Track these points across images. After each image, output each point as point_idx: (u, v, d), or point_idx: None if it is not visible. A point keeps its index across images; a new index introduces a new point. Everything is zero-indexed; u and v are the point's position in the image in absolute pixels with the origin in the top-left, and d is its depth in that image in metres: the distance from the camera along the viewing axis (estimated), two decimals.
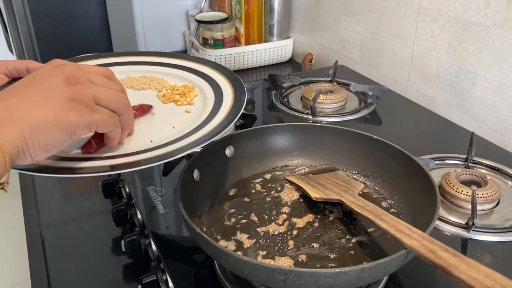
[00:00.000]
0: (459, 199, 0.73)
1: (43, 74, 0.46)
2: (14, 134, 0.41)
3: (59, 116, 0.44)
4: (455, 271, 0.43)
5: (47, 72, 0.46)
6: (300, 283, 0.48)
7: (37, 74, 0.47)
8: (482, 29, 0.94)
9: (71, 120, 0.44)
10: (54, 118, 0.44)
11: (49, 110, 0.44)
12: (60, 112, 0.44)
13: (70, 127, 0.45)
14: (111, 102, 0.49)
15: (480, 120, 0.99)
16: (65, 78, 0.46)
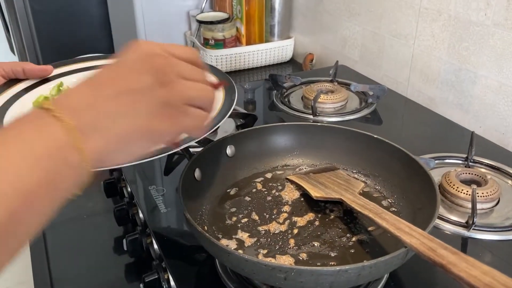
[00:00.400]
0: (459, 198, 0.73)
1: (131, 67, 0.40)
2: (99, 144, 0.38)
3: (149, 124, 0.40)
4: (454, 269, 0.43)
5: (136, 64, 0.40)
6: (300, 281, 0.49)
7: (125, 65, 0.41)
8: (482, 29, 0.94)
9: (161, 129, 0.41)
10: (143, 127, 0.40)
11: (138, 117, 0.39)
12: (150, 120, 0.40)
13: (159, 137, 0.42)
14: (201, 100, 0.43)
15: (480, 119, 0.99)
16: (156, 75, 0.40)
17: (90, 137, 0.37)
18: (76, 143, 0.36)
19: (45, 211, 0.36)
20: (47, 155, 0.35)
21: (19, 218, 0.33)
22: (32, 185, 0.34)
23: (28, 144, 0.35)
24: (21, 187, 0.33)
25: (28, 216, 0.34)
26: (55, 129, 0.36)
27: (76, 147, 0.36)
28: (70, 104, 0.38)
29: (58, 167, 0.36)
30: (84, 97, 0.39)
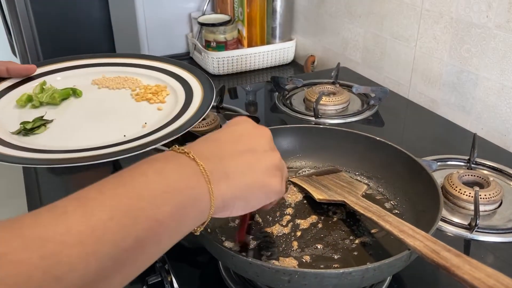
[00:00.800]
0: (461, 200, 0.73)
1: (251, 132, 0.47)
2: (226, 191, 0.42)
3: (266, 180, 0.45)
4: (458, 271, 0.43)
5: (250, 131, 0.47)
6: (304, 284, 0.49)
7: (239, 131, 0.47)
8: (483, 31, 0.95)
9: (274, 186, 0.46)
10: (262, 182, 0.45)
11: (258, 172, 0.44)
12: (266, 176, 0.45)
13: (272, 192, 0.46)
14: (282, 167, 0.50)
15: (482, 121, 0.99)
16: (269, 142, 0.47)
17: (219, 182, 0.41)
18: (207, 185, 0.39)
19: (165, 245, 0.38)
20: (180, 191, 0.38)
21: (143, 246, 0.34)
22: (162, 216, 0.36)
23: (167, 178, 0.38)
24: (152, 216, 0.35)
25: (151, 247, 0.35)
26: (191, 170, 0.39)
27: (207, 188, 0.39)
28: (202, 152, 0.41)
29: (188, 204, 0.38)
30: (212, 149, 0.43)
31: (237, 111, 1.05)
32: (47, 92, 0.76)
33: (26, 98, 0.75)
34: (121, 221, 0.33)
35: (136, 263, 0.35)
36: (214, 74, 1.41)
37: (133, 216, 0.34)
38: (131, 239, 0.33)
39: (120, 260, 0.33)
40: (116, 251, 0.32)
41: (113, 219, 0.33)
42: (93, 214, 0.32)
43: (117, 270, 0.33)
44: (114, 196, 0.34)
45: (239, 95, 1.23)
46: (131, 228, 0.33)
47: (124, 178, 0.36)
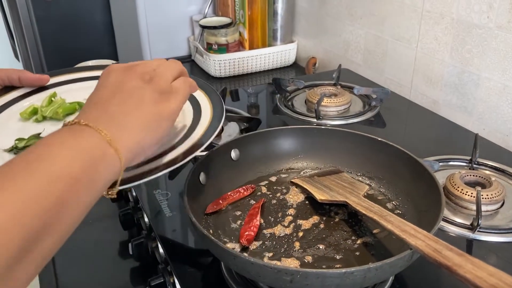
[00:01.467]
0: (463, 200, 0.73)
1: (119, 81, 0.48)
2: (126, 138, 0.44)
3: (157, 108, 0.48)
4: (460, 270, 0.43)
5: (121, 78, 0.49)
6: (306, 284, 0.49)
7: (112, 83, 0.49)
8: (485, 31, 0.95)
9: (168, 109, 0.49)
10: (155, 114, 0.47)
11: (147, 109, 0.47)
12: (156, 107, 0.48)
13: (170, 115, 0.49)
14: (177, 71, 0.53)
15: (484, 121, 0.99)
16: (141, 78, 0.49)
17: (117, 134, 0.44)
18: (108, 140, 0.43)
19: (87, 200, 0.41)
20: (86, 150, 0.41)
21: (65, 203, 0.37)
22: (74, 171, 0.39)
23: (69, 143, 0.41)
24: (67, 172, 0.38)
25: (72, 202, 0.38)
26: (88, 133, 0.43)
27: (108, 142, 0.43)
28: (88, 117, 0.45)
29: (97, 159, 0.41)
30: (97, 110, 0.46)
31: (239, 113, 1.05)
32: (53, 105, 0.72)
33: (31, 111, 0.71)
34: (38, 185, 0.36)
35: (62, 222, 0.38)
36: (215, 76, 1.41)
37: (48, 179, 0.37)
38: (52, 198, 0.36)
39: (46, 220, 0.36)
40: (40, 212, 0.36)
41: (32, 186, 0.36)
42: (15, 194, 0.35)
43: (46, 230, 0.36)
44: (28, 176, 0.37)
45: (241, 97, 1.24)
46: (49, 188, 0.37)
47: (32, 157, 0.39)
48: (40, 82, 0.74)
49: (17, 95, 0.74)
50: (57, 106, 0.71)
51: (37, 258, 0.36)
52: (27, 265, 0.35)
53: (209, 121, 0.64)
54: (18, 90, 0.74)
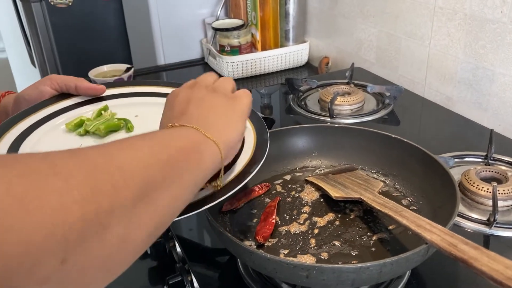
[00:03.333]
0: (479, 196, 0.73)
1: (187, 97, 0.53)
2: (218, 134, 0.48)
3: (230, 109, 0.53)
4: (476, 263, 0.43)
5: (188, 94, 0.53)
6: (322, 279, 0.49)
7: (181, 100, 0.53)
8: (498, 26, 0.94)
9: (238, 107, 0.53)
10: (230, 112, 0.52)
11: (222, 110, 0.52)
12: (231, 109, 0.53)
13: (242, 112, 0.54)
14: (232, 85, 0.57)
15: (500, 117, 0.99)
16: (205, 89, 0.54)
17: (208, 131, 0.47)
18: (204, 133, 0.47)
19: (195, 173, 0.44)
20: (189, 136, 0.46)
21: (176, 166, 0.41)
22: (183, 146, 0.43)
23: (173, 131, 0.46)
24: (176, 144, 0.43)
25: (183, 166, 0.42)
26: (186, 129, 0.47)
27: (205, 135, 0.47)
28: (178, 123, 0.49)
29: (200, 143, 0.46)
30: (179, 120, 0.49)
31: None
32: (98, 120, 0.69)
33: (76, 122, 0.69)
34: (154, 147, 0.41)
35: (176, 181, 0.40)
36: None
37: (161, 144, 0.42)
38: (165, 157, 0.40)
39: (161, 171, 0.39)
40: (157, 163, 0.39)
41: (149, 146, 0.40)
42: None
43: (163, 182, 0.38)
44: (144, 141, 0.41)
45: (254, 98, 1.24)
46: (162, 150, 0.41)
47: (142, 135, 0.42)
48: (95, 92, 0.73)
49: (70, 104, 0.72)
50: (102, 122, 0.69)
51: (156, 207, 0.37)
52: (149, 207, 0.36)
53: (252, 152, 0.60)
54: (72, 98, 0.73)
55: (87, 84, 0.73)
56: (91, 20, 1.60)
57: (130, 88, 0.77)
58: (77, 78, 0.73)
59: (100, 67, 1.36)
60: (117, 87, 0.77)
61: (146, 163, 0.38)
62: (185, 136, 0.46)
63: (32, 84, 0.73)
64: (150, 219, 0.36)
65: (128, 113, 0.72)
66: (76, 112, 0.71)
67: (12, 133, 0.65)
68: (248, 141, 0.63)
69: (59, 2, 1.53)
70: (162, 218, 0.39)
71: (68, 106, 0.72)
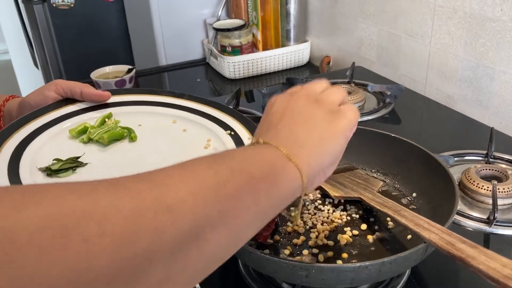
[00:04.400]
0: (480, 194, 0.73)
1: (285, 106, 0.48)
2: (305, 155, 0.43)
3: (330, 126, 0.46)
4: (473, 262, 0.44)
5: (286, 103, 0.48)
6: (321, 278, 0.50)
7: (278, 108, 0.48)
8: (498, 24, 0.94)
9: (341, 126, 0.46)
10: (328, 130, 0.45)
11: (319, 126, 0.45)
12: (330, 125, 0.46)
13: (343, 131, 0.46)
14: (342, 97, 0.50)
15: (500, 115, 0.99)
16: (306, 99, 0.48)
17: (294, 151, 0.42)
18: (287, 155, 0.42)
19: (266, 204, 0.39)
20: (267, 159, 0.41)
21: (243, 197, 0.36)
22: (255, 172, 0.38)
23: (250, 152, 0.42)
24: (247, 170, 0.38)
25: (251, 197, 0.37)
26: (268, 148, 0.42)
27: (287, 157, 0.42)
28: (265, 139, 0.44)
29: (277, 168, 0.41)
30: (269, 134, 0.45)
31: (254, 113, 1.06)
32: (102, 128, 0.68)
33: (80, 129, 0.68)
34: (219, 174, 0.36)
35: (238, 217, 0.36)
36: (230, 78, 1.43)
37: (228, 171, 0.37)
38: (231, 188, 0.35)
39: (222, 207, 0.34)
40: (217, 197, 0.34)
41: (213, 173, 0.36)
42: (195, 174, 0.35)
43: (221, 219, 0.34)
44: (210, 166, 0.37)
45: (256, 98, 1.25)
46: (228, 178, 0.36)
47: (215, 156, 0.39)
48: (100, 98, 0.73)
49: (75, 109, 0.72)
50: (105, 130, 0.68)
51: (208, 248, 0.33)
52: (197, 249, 0.32)
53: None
54: (77, 103, 0.73)
55: (93, 90, 0.72)
56: (93, 21, 1.60)
57: (134, 96, 0.77)
58: (83, 84, 0.72)
59: (102, 68, 1.37)
60: (122, 94, 0.77)
61: (204, 199, 0.33)
62: (263, 158, 0.41)
63: (37, 89, 0.73)
64: (197, 261, 0.33)
65: (132, 122, 0.72)
66: (80, 118, 0.71)
67: (16, 137, 0.65)
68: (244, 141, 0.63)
69: (61, 3, 1.54)
70: (214, 258, 0.35)
71: (72, 111, 0.72)
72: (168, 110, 0.76)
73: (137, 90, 0.80)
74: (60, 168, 0.61)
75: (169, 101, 0.77)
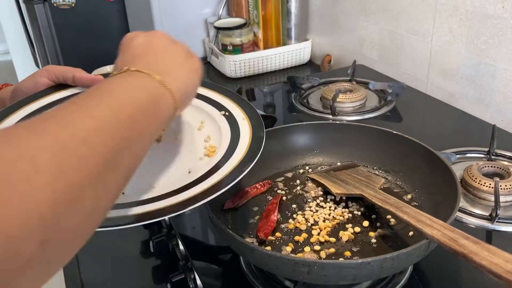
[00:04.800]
0: (482, 191, 0.73)
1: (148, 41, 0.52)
2: (175, 83, 0.47)
3: (191, 64, 0.53)
4: (476, 258, 0.44)
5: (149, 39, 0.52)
6: (323, 275, 0.49)
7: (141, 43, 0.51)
8: (500, 22, 0.94)
9: (197, 64, 0.54)
10: (189, 65, 0.52)
11: (183, 61, 0.52)
12: (189, 61, 0.53)
13: (199, 69, 0.54)
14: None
15: (502, 112, 0.98)
16: (167, 39, 0.53)
17: (164, 78, 0.47)
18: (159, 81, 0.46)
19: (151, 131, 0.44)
20: (145, 86, 0.45)
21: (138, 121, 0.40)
22: (141, 100, 0.42)
23: (129, 81, 0.45)
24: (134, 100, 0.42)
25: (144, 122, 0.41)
26: (141, 75, 0.46)
27: (161, 83, 0.46)
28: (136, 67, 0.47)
29: (156, 95, 0.45)
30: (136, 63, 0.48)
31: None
32: None
33: None
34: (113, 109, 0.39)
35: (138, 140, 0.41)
36: (231, 77, 1.43)
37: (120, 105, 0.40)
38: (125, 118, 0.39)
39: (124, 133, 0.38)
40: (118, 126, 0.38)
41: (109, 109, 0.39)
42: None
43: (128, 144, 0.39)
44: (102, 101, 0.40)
45: (257, 96, 1.25)
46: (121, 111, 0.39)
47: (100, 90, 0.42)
48: (93, 83, 0.71)
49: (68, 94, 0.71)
50: None
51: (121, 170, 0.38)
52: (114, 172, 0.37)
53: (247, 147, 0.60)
54: (69, 89, 0.72)
55: (85, 74, 0.72)
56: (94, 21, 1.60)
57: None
58: (75, 69, 0.72)
59: (103, 67, 1.37)
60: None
61: (108, 131, 0.37)
62: (141, 87, 0.45)
63: (28, 76, 0.72)
64: (116, 182, 0.37)
65: None
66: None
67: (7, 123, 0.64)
68: (243, 137, 0.62)
69: (62, 3, 1.54)
70: (127, 177, 0.40)
71: (65, 97, 0.71)
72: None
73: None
74: None
75: None
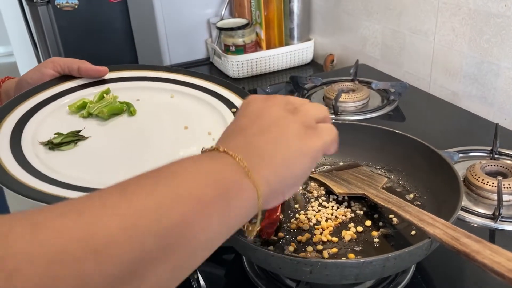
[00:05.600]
0: (485, 190, 0.73)
1: (259, 109, 0.43)
2: (267, 173, 0.38)
3: (300, 144, 0.41)
4: (478, 256, 0.44)
5: (262, 106, 0.44)
6: (326, 274, 0.50)
7: (252, 111, 0.44)
8: (503, 20, 0.94)
9: (312, 146, 0.42)
10: (299, 148, 0.41)
11: (291, 141, 0.41)
12: (300, 140, 0.41)
13: (313, 153, 0.42)
14: (323, 114, 0.45)
15: (505, 111, 0.98)
16: (284, 107, 0.43)
17: (256, 164, 0.38)
18: (246, 170, 0.37)
19: (216, 230, 0.35)
20: (221, 178, 0.36)
21: (190, 226, 0.33)
22: (205, 195, 0.34)
23: (204, 167, 0.37)
24: (196, 194, 0.34)
25: (199, 225, 0.33)
26: (226, 160, 0.38)
27: (245, 173, 0.37)
28: (228, 145, 0.40)
29: (232, 189, 0.36)
30: (235, 139, 0.41)
31: None
32: (101, 103, 0.69)
33: (79, 104, 0.69)
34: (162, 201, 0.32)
35: (184, 248, 0.32)
36: (234, 77, 1.43)
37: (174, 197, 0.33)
38: (175, 218, 0.32)
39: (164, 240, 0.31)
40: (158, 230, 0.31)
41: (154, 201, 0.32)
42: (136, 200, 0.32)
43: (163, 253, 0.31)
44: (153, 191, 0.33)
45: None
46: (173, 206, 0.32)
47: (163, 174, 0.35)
48: (98, 74, 0.72)
49: (73, 86, 0.72)
50: (105, 105, 0.68)
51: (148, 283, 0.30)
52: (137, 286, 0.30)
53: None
54: (75, 80, 0.73)
55: (90, 66, 0.72)
56: (97, 22, 1.61)
57: (132, 72, 0.78)
58: (79, 60, 0.72)
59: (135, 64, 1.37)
60: (119, 70, 0.78)
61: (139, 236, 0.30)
62: (217, 176, 0.36)
63: (34, 67, 0.73)
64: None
65: (130, 97, 0.73)
66: (79, 94, 0.72)
67: (16, 113, 0.66)
68: None
69: (65, 5, 1.54)
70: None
71: (71, 88, 0.72)
72: (165, 85, 0.78)
73: (135, 66, 0.81)
74: (61, 142, 0.63)
75: (166, 76, 0.78)
